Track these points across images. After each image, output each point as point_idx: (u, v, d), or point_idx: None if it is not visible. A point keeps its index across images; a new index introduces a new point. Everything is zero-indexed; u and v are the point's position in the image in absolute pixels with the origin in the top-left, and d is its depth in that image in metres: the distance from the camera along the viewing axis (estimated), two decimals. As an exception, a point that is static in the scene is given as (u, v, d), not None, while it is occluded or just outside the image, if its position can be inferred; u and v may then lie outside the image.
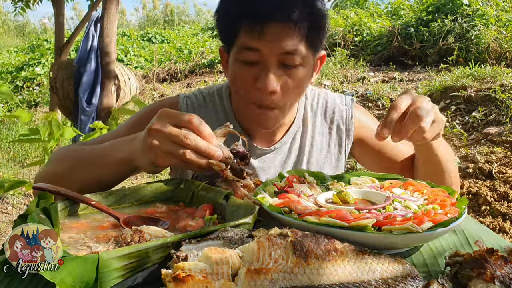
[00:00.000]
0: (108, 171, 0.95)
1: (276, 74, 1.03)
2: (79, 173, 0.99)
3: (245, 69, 1.05)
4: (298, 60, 1.03)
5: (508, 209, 2.85)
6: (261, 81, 1.02)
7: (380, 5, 8.86)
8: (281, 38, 1.00)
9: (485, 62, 5.41)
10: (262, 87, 1.02)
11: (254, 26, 1.00)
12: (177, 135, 0.79)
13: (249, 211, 0.71)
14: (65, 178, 1.00)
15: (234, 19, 1.04)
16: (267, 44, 1.00)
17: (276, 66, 1.03)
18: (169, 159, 0.82)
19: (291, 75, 1.05)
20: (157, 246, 0.58)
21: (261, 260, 0.53)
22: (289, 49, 1.01)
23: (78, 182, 0.96)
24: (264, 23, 0.99)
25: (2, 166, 5.07)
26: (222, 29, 1.11)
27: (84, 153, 1.05)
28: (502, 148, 3.58)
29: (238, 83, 1.08)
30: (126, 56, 8.79)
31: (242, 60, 1.05)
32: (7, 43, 11.43)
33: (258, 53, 1.02)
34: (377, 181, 0.93)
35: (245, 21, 1.01)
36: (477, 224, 0.82)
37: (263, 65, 1.03)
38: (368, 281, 0.56)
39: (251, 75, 1.04)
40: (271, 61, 1.02)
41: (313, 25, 1.03)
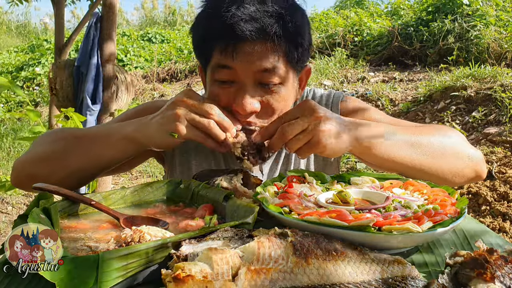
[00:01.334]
0: (110, 150, 0.96)
1: (255, 93, 0.99)
2: (76, 153, 0.98)
3: (221, 88, 1.01)
4: (276, 78, 0.99)
5: (508, 209, 2.85)
6: (238, 102, 0.98)
7: (380, 5, 8.87)
8: (256, 56, 0.96)
9: (485, 62, 5.40)
10: (239, 108, 0.98)
11: (227, 45, 0.96)
12: (203, 108, 0.90)
13: (249, 211, 0.71)
14: (59, 159, 0.99)
15: (208, 38, 1.01)
16: (241, 63, 0.96)
17: (252, 85, 0.99)
18: (190, 130, 0.89)
19: (272, 93, 1.00)
20: (157, 246, 0.58)
21: (261, 260, 0.53)
22: (265, 67, 0.97)
23: (75, 163, 0.97)
24: (237, 42, 0.95)
25: (2, 166, 5.07)
26: (197, 48, 1.08)
27: (80, 133, 1.04)
28: (502, 148, 3.58)
29: (216, 103, 1.00)
30: (126, 56, 8.79)
31: (217, 80, 1.01)
32: (7, 43, 11.43)
33: (233, 72, 0.98)
34: (377, 181, 0.93)
35: (218, 41, 0.98)
36: (477, 224, 0.82)
37: (239, 84, 0.99)
38: (368, 281, 0.56)
39: (227, 94, 1.00)
40: (247, 80, 0.98)
41: (291, 41, 0.99)
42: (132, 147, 0.98)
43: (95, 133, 1.02)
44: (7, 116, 6.94)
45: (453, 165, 1.02)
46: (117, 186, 4.33)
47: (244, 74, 0.98)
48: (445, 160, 1.01)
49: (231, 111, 0.99)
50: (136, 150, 1.00)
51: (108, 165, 1.02)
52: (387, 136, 0.94)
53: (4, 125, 6.51)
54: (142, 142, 0.96)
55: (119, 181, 4.71)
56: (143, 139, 0.95)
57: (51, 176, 1.00)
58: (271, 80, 0.99)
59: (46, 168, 1.01)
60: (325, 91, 1.29)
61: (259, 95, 1.00)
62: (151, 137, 0.94)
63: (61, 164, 0.96)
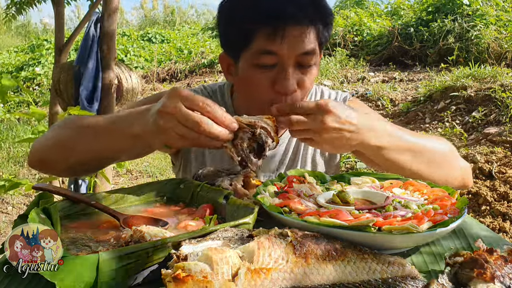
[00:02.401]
0: (120, 143, 0.92)
1: (294, 75, 1.03)
2: (85, 142, 0.96)
3: (261, 72, 1.03)
4: (313, 59, 1.04)
5: (508, 209, 2.85)
6: (281, 83, 1.01)
7: (380, 5, 8.86)
8: (300, 40, 1.00)
9: (485, 62, 5.41)
10: (282, 89, 1.02)
11: (275, 30, 0.98)
12: (191, 120, 0.76)
13: (249, 211, 0.71)
14: (65, 147, 0.98)
15: (249, 23, 1.01)
16: (287, 47, 0.99)
17: (293, 66, 1.02)
18: (182, 141, 0.80)
19: (306, 74, 1.05)
20: (157, 246, 0.58)
21: (261, 260, 0.53)
22: (306, 50, 1.01)
23: (83, 151, 0.95)
24: (285, 26, 0.98)
25: (2, 166, 5.07)
26: (232, 34, 1.07)
27: (91, 122, 1.01)
28: (502, 148, 3.58)
29: (253, 87, 1.05)
30: (126, 56, 8.79)
31: (259, 64, 1.03)
32: (7, 43, 11.43)
33: (276, 56, 1.01)
34: (377, 181, 0.93)
35: (263, 25, 0.99)
36: (477, 224, 0.82)
37: (281, 67, 1.02)
38: (368, 281, 0.56)
39: (268, 78, 1.03)
40: (289, 62, 1.01)
41: (324, 23, 1.04)
42: (141, 145, 0.93)
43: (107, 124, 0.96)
44: (7, 116, 6.94)
45: (446, 174, 1.06)
46: (117, 186, 4.33)
47: (288, 57, 1.01)
48: (441, 169, 1.05)
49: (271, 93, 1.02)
50: (146, 148, 0.97)
51: (115, 159, 1.01)
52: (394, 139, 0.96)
53: (4, 125, 6.50)
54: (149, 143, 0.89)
55: (119, 181, 4.71)
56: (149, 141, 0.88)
57: (59, 163, 1.00)
58: (309, 62, 1.04)
59: (54, 154, 1.00)
60: (332, 91, 1.32)
61: (297, 75, 1.04)
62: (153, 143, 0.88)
63: (67, 152, 0.94)
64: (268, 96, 1.04)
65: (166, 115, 0.77)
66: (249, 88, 1.07)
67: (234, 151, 0.81)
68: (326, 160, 1.28)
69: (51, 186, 0.84)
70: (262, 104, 1.05)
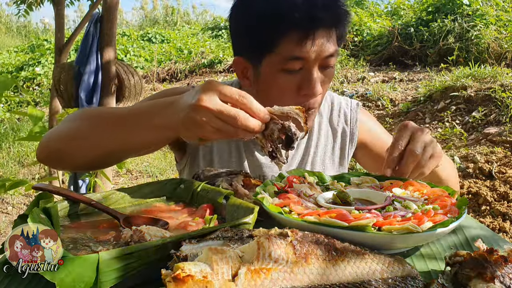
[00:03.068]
0: (141, 135, 0.89)
1: (318, 77, 1.03)
2: (105, 134, 0.92)
3: (287, 77, 1.02)
4: (334, 60, 1.05)
5: (508, 209, 2.85)
6: (307, 87, 1.02)
7: (380, 5, 8.86)
8: (325, 43, 1.00)
9: (485, 62, 5.40)
10: (310, 93, 1.02)
11: (306, 35, 0.97)
12: (227, 114, 0.74)
13: (249, 211, 0.71)
14: (87, 138, 0.94)
15: (275, 28, 0.99)
16: (314, 51, 0.99)
17: (317, 69, 1.03)
18: (217, 135, 0.79)
19: (327, 75, 1.06)
20: (157, 246, 0.58)
21: (261, 260, 0.53)
22: (331, 53, 1.02)
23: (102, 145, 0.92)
24: (315, 30, 0.97)
25: (2, 166, 5.08)
26: (254, 39, 1.04)
27: (109, 113, 0.98)
28: (502, 148, 3.58)
29: (278, 91, 1.04)
30: (126, 56, 8.79)
31: (285, 69, 1.02)
32: (7, 43, 11.43)
33: (302, 61, 1.01)
34: (377, 181, 0.93)
35: (290, 31, 0.98)
36: (477, 224, 0.82)
37: (307, 71, 1.02)
38: (368, 281, 0.56)
39: (293, 82, 1.03)
40: (314, 65, 1.02)
41: (343, 25, 1.05)
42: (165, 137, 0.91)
43: (128, 114, 0.93)
44: (7, 116, 6.94)
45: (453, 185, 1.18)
46: (117, 186, 4.33)
47: (314, 61, 1.01)
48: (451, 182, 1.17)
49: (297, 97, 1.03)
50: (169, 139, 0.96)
51: (136, 151, 0.99)
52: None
53: (4, 125, 6.50)
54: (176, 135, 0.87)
55: (119, 181, 4.71)
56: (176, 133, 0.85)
57: (74, 157, 0.96)
58: (331, 64, 1.05)
59: (69, 148, 0.96)
60: (341, 97, 1.35)
61: (320, 77, 1.04)
62: (184, 136, 0.85)
63: (86, 145, 0.92)
64: (292, 99, 1.03)
65: (202, 109, 0.75)
66: (273, 92, 1.05)
67: (265, 142, 0.81)
68: (336, 165, 1.29)
69: (51, 186, 0.84)
70: None
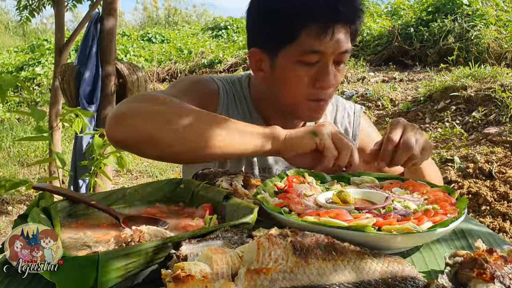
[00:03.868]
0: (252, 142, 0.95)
1: (333, 71, 1.07)
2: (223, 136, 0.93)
3: (303, 69, 1.06)
4: (347, 57, 1.09)
5: (508, 209, 2.85)
6: (323, 80, 1.06)
7: (380, 5, 8.86)
8: (342, 38, 1.03)
9: (485, 62, 5.41)
10: (324, 85, 1.06)
11: (323, 29, 1.00)
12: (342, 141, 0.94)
13: (249, 211, 0.71)
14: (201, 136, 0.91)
15: (296, 20, 1.02)
16: (332, 45, 1.02)
17: (332, 63, 1.06)
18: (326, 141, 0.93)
19: (339, 70, 1.10)
20: (157, 246, 0.58)
21: (261, 260, 0.53)
22: (347, 49, 1.05)
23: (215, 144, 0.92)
24: (335, 24, 1.01)
25: (2, 166, 5.08)
26: (273, 30, 1.06)
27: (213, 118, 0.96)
28: (502, 148, 3.58)
29: (294, 83, 1.08)
30: (126, 56, 8.79)
31: (302, 62, 1.05)
32: (7, 43, 11.43)
33: (320, 54, 1.04)
34: (377, 181, 0.93)
35: (310, 23, 1.01)
36: (477, 224, 0.82)
37: (323, 64, 1.05)
38: (368, 281, 0.56)
39: (310, 75, 1.06)
40: (330, 59, 1.05)
41: (360, 22, 1.08)
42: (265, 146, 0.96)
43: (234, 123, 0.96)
44: (7, 116, 6.94)
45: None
46: (117, 186, 4.33)
47: (331, 55, 1.05)
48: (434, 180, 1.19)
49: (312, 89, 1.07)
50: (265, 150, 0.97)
51: (232, 157, 1.01)
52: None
53: (4, 125, 6.51)
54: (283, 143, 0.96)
55: (119, 181, 4.71)
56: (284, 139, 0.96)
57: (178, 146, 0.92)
58: (344, 60, 1.09)
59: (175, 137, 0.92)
60: (345, 101, 1.38)
61: (334, 72, 1.08)
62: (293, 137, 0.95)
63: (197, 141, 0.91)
64: (307, 92, 1.08)
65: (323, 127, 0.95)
66: (289, 83, 1.09)
67: None
68: None
69: (51, 186, 0.84)
70: (300, 100, 1.10)
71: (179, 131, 0.90)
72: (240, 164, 1.21)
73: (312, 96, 1.09)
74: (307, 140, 0.94)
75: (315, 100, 1.10)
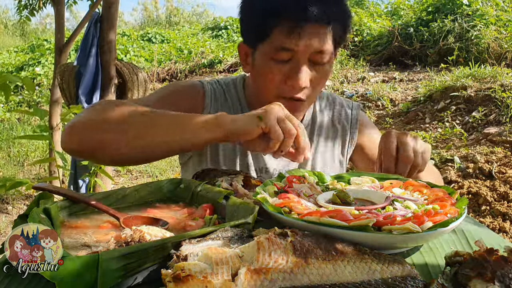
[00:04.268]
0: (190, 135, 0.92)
1: (307, 71, 1.06)
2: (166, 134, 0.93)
3: (277, 67, 1.07)
4: (327, 58, 1.07)
5: (508, 209, 2.85)
6: (293, 78, 1.05)
7: (380, 5, 8.87)
8: (316, 37, 1.03)
9: (485, 62, 5.41)
10: (294, 84, 1.05)
11: (293, 27, 1.01)
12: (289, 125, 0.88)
13: (249, 211, 0.71)
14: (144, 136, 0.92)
15: (269, 18, 1.04)
16: (303, 44, 1.02)
17: (307, 63, 1.06)
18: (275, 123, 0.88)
19: (319, 71, 1.08)
20: (157, 246, 0.58)
21: (261, 260, 0.53)
22: (321, 49, 1.04)
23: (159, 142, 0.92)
24: (303, 24, 1.01)
25: (2, 166, 5.08)
26: (251, 26, 1.11)
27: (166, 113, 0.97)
28: (502, 148, 3.58)
29: (267, 80, 1.09)
30: (126, 56, 8.79)
31: (274, 59, 1.06)
32: (7, 43, 11.43)
33: (291, 52, 1.04)
34: (377, 181, 0.93)
35: (282, 21, 1.02)
36: (477, 224, 0.82)
37: (295, 63, 1.05)
38: (368, 281, 0.56)
39: (282, 72, 1.06)
40: (303, 59, 1.05)
41: (342, 25, 1.07)
42: (211, 135, 0.92)
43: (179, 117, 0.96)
44: (7, 116, 6.94)
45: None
46: (117, 186, 4.33)
47: (302, 54, 1.04)
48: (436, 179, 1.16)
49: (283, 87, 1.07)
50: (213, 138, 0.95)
51: (182, 150, 1.02)
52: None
53: (4, 125, 6.51)
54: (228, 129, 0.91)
55: (119, 181, 4.71)
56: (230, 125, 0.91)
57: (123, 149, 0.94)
58: (322, 61, 1.07)
59: (120, 140, 0.94)
60: (343, 99, 1.37)
61: (310, 72, 1.07)
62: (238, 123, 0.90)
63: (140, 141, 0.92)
64: (279, 89, 1.08)
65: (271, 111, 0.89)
66: (263, 79, 1.10)
67: None
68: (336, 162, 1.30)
69: (51, 186, 0.84)
70: (273, 97, 1.09)
71: (124, 134, 0.93)
72: (234, 166, 1.21)
73: (284, 94, 1.08)
74: (252, 125, 0.89)
75: (287, 98, 1.08)
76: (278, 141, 0.88)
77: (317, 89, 1.12)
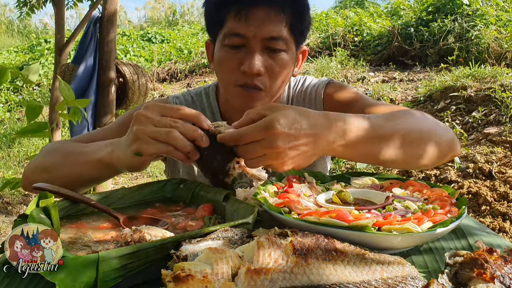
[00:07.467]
0: (88, 170, 0.95)
1: (261, 57, 1.06)
2: (63, 169, 1.00)
3: (231, 53, 1.08)
4: (282, 45, 1.07)
5: (508, 209, 2.85)
6: (246, 63, 1.05)
7: (380, 5, 8.86)
8: (266, 22, 1.04)
9: (485, 62, 5.41)
10: (247, 69, 1.05)
11: (241, 10, 1.03)
12: (164, 119, 0.79)
13: (249, 211, 0.71)
14: (50, 172, 1.01)
15: (221, 6, 1.07)
16: (253, 28, 1.04)
17: (261, 50, 1.06)
18: (153, 145, 0.78)
19: (276, 59, 1.08)
20: (157, 246, 0.58)
21: (261, 260, 0.53)
22: (273, 34, 1.05)
23: (61, 178, 0.97)
24: (250, 7, 1.03)
25: (2, 166, 5.08)
26: (209, 18, 1.13)
27: (70, 149, 1.05)
28: (502, 148, 3.58)
29: (224, 67, 1.10)
30: (126, 56, 8.79)
31: (228, 45, 1.07)
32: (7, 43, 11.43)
33: (243, 38, 1.05)
34: (377, 181, 0.93)
35: (232, 6, 1.05)
36: (477, 224, 0.82)
37: (248, 49, 1.06)
38: (368, 281, 0.56)
39: (236, 59, 1.07)
40: (256, 45, 1.05)
41: (296, 13, 1.08)
42: (107, 170, 0.93)
43: (80, 151, 1.00)
44: (7, 116, 6.94)
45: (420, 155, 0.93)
46: (117, 186, 4.33)
47: (254, 39, 1.05)
48: (416, 149, 0.93)
49: (238, 74, 1.07)
50: (109, 174, 0.98)
51: (89, 184, 1.03)
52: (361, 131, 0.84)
53: (4, 125, 6.51)
54: (115, 165, 0.89)
55: (119, 181, 4.71)
56: (115, 162, 0.88)
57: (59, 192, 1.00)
58: (277, 47, 1.07)
59: (42, 177, 0.99)
60: (314, 78, 1.31)
61: (265, 59, 1.07)
62: (121, 160, 0.86)
63: (50, 178, 0.95)
64: (235, 76, 1.08)
65: (141, 117, 0.81)
66: (221, 68, 1.12)
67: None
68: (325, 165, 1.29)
69: (51, 186, 0.84)
70: (230, 86, 1.10)
71: (55, 175, 1.00)
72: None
73: (239, 81, 1.08)
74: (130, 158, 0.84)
75: (243, 86, 1.08)
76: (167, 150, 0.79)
77: (276, 79, 1.09)
